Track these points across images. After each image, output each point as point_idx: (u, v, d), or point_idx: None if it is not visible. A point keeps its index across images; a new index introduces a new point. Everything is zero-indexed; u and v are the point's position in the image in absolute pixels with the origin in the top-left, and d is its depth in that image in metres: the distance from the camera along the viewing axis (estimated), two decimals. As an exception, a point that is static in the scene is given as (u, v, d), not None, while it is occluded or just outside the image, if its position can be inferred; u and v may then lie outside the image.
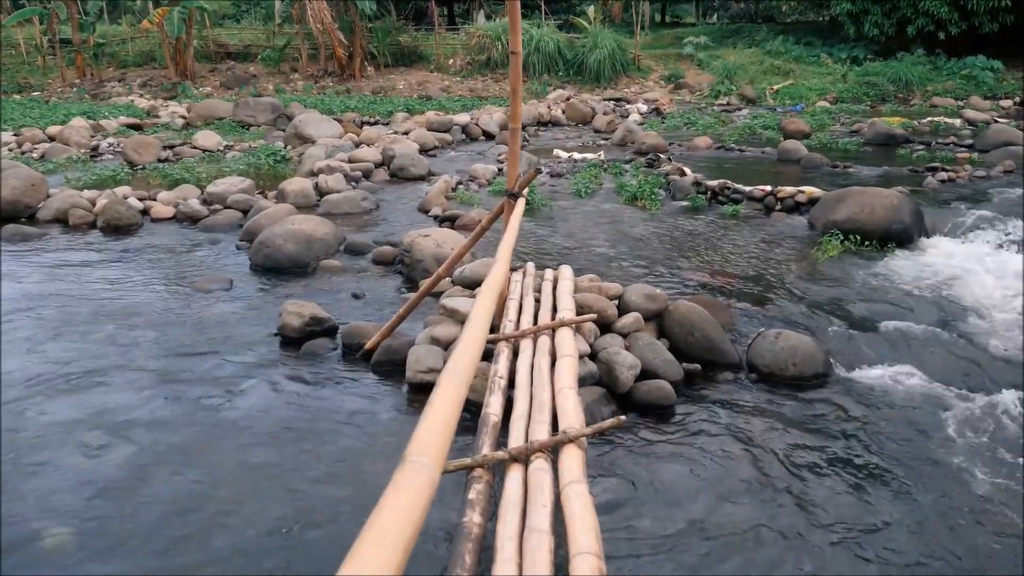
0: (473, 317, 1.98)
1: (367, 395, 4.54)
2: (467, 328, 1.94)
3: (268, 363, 5.03)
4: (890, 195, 7.79)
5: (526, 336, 3.89)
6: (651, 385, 4.33)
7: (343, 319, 5.77)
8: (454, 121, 15.47)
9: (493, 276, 3.21)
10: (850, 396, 4.48)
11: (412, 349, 4.68)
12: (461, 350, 1.66)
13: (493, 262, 3.70)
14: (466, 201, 9.53)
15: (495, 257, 3.76)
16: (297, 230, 7.26)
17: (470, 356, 1.64)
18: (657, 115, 18.10)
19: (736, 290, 6.29)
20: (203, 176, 10.94)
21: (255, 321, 5.81)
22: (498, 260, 3.57)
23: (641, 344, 4.61)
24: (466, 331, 1.91)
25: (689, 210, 9.08)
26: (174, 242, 8.20)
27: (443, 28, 28.17)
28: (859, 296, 6.08)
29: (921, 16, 20.63)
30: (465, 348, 1.66)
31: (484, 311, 2.51)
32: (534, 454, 2.69)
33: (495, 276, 3.25)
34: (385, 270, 7.07)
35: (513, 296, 4.44)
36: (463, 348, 1.67)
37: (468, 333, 1.83)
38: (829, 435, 4.08)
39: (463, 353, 1.63)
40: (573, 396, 3.07)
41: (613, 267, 6.86)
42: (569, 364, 3.39)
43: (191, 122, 17.10)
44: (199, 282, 6.66)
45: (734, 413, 4.29)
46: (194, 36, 24.36)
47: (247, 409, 4.38)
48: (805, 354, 4.69)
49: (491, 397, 3.24)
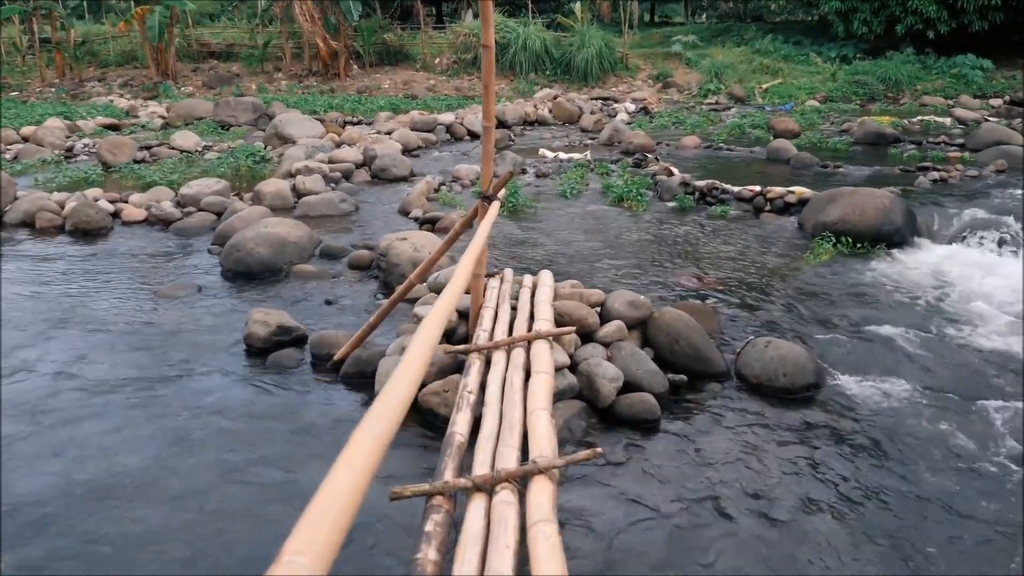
0: (412, 351, 1.68)
1: (333, 411, 4.28)
2: (400, 368, 1.63)
3: (230, 375, 4.76)
4: (881, 196, 7.59)
5: (499, 348, 3.64)
6: (634, 399, 4.09)
7: (314, 327, 5.51)
8: (439, 120, 15.20)
9: (450, 290, 2.96)
10: (843, 408, 4.25)
11: (382, 361, 4.43)
12: (385, 398, 1.37)
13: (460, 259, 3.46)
14: (448, 203, 9.28)
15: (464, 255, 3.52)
16: (270, 233, 6.99)
17: (396, 405, 1.36)
18: (645, 114, 17.87)
19: (724, 295, 6.06)
20: (179, 177, 10.64)
21: (221, 330, 5.53)
22: (460, 266, 3.32)
23: (624, 354, 4.37)
24: (397, 372, 1.59)
25: (676, 211, 8.86)
26: (144, 246, 7.91)
27: (430, 27, 27.88)
28: (851, 301, 5.86)
29: (910, 15, 20.49)
30: (390, 396, 1.37)
31: (428, 338, 2.22)
32: (500, 484, 2.44)
33: (452, 289, 3.00)
34: (361, 275, 6.80)
35: (488, 304, 4.18)
36: (387, 397, 1.37)
37: (400, 372, 1.53)
38: (822, 451, 3.85)
39: (385, 404, 1.33)
40: (546, 419, 2.83)
41: (597, 271, 6.62)
42: (544, 382, 3.14)
43: (170, 122, 16.75)
44: (165, 288, 6.37)
45: (722, 428, 4.05)
46: (176, 35, 23.99)
47: (204, 428, 4.10)
48: (796, 364, 4.46)
49: (458, 415, 2.98)
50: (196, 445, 3.91)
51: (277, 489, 3.53)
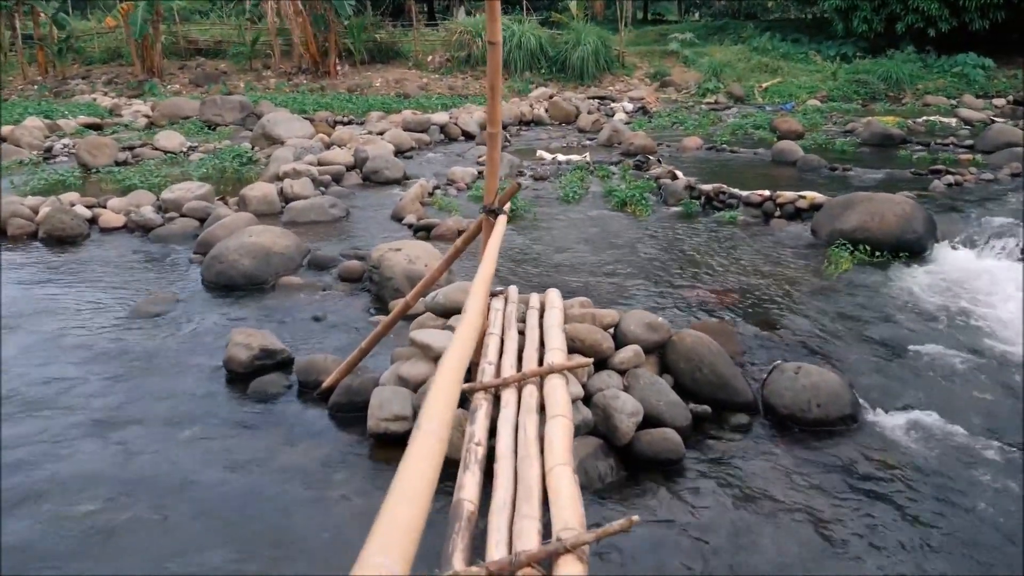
0: (435, 390, 1.31)
1: (320, 450, 3.85)
2: (416, 447, 1.27)
3: (207, 406, 4.33)
4: (901, 202, 7.21)
5: (508, 385, 3.23)
6: (655, 436, 3.68)
7: (302, 347, 5.09)
8: (432, 120, 14.74)
9: (466, 323, 2.55)
10: (884, 445, 3.85)
11: (376, 391, 4.00)
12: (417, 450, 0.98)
13: (470, 290, 3.05)
14: (444, 207, 8.86)
15: (473, 284, 3.11)
16: (254, 243, 6.55)
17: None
18: (644, 114, 17.46)
19: (741, 310, 5.66)
20: (161, 180, 10.18)
21: (200, 351, 5.10)
22: (472, 300, 2.91)
23: (642, 384, 3.96)
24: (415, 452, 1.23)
25: (682, 217, 8.46)
26: (122, 255, 7.46)
27: (422, 24, 27.38)
28: (879, 316, 5.47)
29: (911, 12, 20.12)
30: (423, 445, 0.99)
31: (451, 375, 1.86)
32: (521, 569, 2.03)
33: (468, 322, 2.58)
34: (352, 288, 6.38)
35: (493, 330, 3.76)
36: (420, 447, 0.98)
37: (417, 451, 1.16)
38: (864, 495, 3.45)
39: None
40: (568, 479, 2.41)
41: (603, 284, 6.21)
42: (562, 428, 2.72)
43: (155, 121, 16.24)
44: (141, 303, 5.93)
45: (754, 470, 3.64)
46: (162, 32, 23.44)
47: (170, 471, 3.66)
48: (830, 393, 4.06)
49: (466, 475, 2.56)
50: (163, 497, 3.48)
51: (253, 536, 3.11)
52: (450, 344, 2.29)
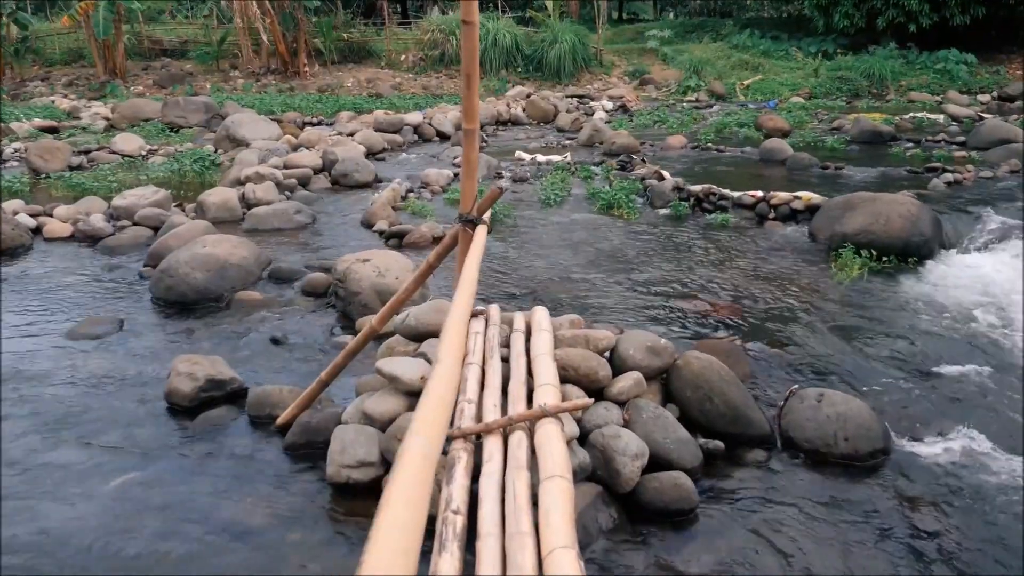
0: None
1: (272, 501, 3.27)
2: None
3: (143, 446, 3.73)
4: (906, 203, 6.76)
5: (492, 431, 2.69)
6: (664, 482, 3.15)
7: (256, 374, 4.52)
8: (405, 121, 14.14)
9: (443, 371, 2.00)
10: (922, 484, 3.35)
11: (337, 431, 3.43)
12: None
13: (445, 323, 2.51)
14: (418, 212, 8.29)
15: (450, 313, 2.57)
16: (207, 255, 5.95)
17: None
18: (624, 112, 16.98)
19: (743, 324, 5.16)
20: (117, 186, 9.52)
21: (141, 380, 4.50)
22: (450, 325, 2.37)
23: (646, 417, 3.43)
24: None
25: (672, 219, 7.96)
26: (66, 268, 6.82)
27: (395, 23, 26.73)
28: (895, 330, 4.98)
29: (892, 7, 19.82)
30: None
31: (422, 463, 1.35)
32: None
33: (445, 369, 2.03)
34: (317, 303, 5.80)
35: (472, 359, 3.21)
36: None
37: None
38: (906, 547, 2.95)
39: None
40: (572, 567, 1.86)
41: (592, 297, 5.68)
42: (561, 495, 2.18)
43: (115, 124, 15.47)
44: (79, 327, 5.30)
45: (777, 516, 3.12)
46: (125, 32, 22.60)
47: (83, 533, 3.07)
48: (859, 424, 3.56)
49: (441, 557, 2.01)
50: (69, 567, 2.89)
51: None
52: (424, 399, 1.76)
